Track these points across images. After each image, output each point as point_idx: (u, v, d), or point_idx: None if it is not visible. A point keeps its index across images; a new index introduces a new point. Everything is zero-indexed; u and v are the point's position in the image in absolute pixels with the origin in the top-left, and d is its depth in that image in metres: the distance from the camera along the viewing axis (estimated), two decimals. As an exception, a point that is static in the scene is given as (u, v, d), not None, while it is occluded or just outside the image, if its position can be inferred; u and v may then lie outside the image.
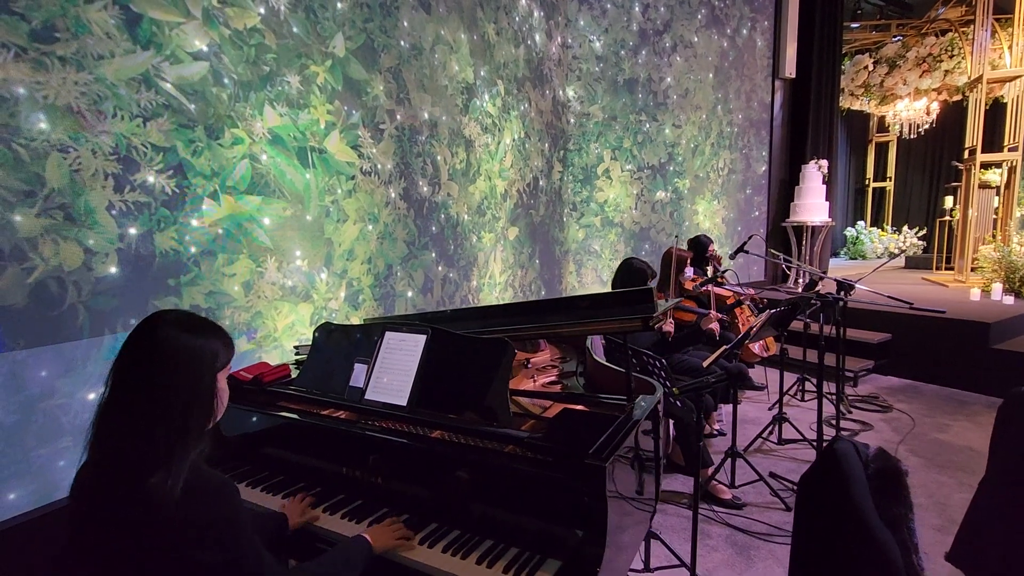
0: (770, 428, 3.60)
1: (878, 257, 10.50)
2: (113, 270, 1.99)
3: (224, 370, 1.06)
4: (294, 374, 2.00)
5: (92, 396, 1.95)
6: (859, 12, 9.11)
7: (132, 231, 2.04)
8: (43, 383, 1.85)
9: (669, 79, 5.85)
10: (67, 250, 1.87)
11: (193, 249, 2.23)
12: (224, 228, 2.32)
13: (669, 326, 3.11)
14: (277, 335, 2.55)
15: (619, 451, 1.33)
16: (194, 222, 2.23)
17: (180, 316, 1.02)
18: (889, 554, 1.16)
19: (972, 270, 6.46)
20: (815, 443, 3.22)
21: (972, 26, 6.95)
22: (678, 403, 2.30)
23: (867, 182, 11.75)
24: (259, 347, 2.49)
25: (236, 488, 1.06)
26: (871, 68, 9.09)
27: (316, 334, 1.90)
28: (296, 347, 2.32)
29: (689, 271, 3.92)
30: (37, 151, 1.79)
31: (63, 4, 1.83)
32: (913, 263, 9.12)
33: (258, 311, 2.47)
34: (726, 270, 3.34)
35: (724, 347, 2.94)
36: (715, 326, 3.25)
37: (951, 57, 8.18)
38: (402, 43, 3.17)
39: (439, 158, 3.46)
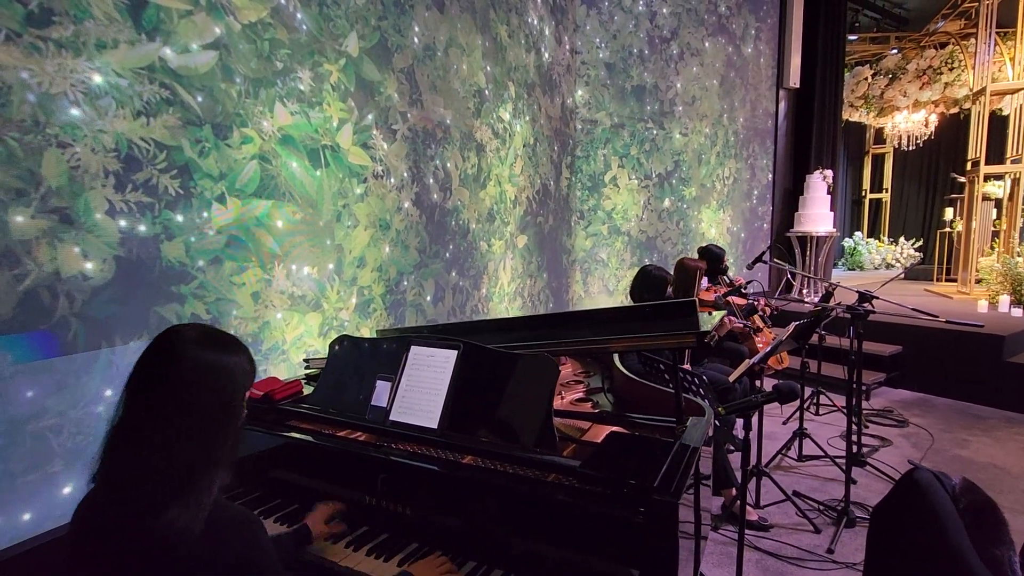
0: (790, 444, 3.49)
1: (875, 268, 10.52)
2: (111, 277, 1.84)
3: (249, 389, 0.96)
4: (306, 390, 1.85)
5: (86, 416, 1.79)
6: (856, 24, 9.17)
7: (133, 235, 1.89)
8: (32, 402, 1.68)
9: (676, 87, 5.79)
10: (63, 255, 1.71)
11: (197, 255, 2.07)
12: (231, 233, 2.17)
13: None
14: (285, 347, 2.40)
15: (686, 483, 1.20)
16: (200, 226, 2.08)
17: (203, 331, 0.92)
18: (998, 603, 1.04)
19: (977, 282, 6.43)
20: (839, 460, 3.11)
21: (972, 39, 6.99)
22: (717, 422, 2.17)
23: (864, 193, 11.80)
24: (265, 359, 2.34)
25: (262, 524, 0.94)
26: (870, 80, 9.13)
27: (332, 347, 1.76)
28: (306, 360, 2.17)
29: (703, 282, 3.83)
30: (32, 146, 1.64)
31: (62, -13, 1.68)
32: (912, 274, 9.12)
33: (266, 321, 2.32)
34: (751, 281, 3.23)
35: (748, 361, 2.83)
36: (728, 322, 3.18)
37: (951, 70, 8.23)
38: (415, 43, 3.05)
39: (451, 162, 3.33)
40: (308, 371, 2.10)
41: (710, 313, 1.74)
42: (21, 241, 1.64)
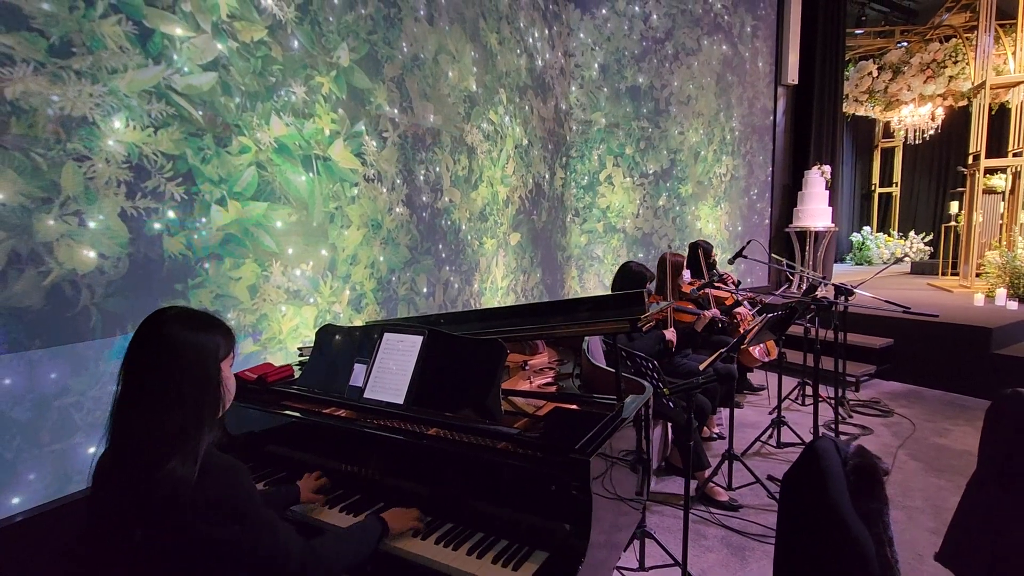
0: (769, 432, 3.63)
1: (884, 263, 10.46)
2: (124, 273, 2.08)
3: (227, 359, 1.12)
4: (297, 374, 2.06)
5: (104, 394, 2.03)
6: (863, 19, 9.14)
7: (143, 236, 2.13)
8: (57, 381, 1.93)
9: (671, 86, 5.91)
10: (81, 254, 1.96)
11: (200, 253, 2.31)
12: (231, 233, 2.40)
13: (671, 335, 3.15)
14: (282, 337, 2.63)
15: (604, 447, 1.38)
16: (202, 228, 2.31)
17: (181, 312, 1.08)
18: (862, 547, 1.20)
19: (977, 275, 6.44)
20: (813, 446, 3.23)
21: (976, 32, 6.96)
22: (670, 404, 2.34)
23: (873, 187, 11.72)
24: (264, 348, 2.57)
25: (246, 468, 1.12)
26: (875, 74, 9.10)
27: (318, 335, 1.97)
28: (300, 348, 2.39)
29: (686, 275, 3.98)
30: (54, 160, 1.88)
31: (79, 20, 1.92)
32: (919, 268, 9.09)
33: (263, 313, 2.55)
34: (724, 274, 3.37)
35: (721, 350, 2.98)
36: (710, 314, 3.33)
37: (955, 63, 8.18)
38: (405, 53, 3.25)
39: (442, 165, 3.53)
40: (301, 358, 2.31)
41: (656, 303, 1.91)
42: (44, 243, 1.88)
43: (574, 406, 1.80)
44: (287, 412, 1.82)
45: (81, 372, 1.97)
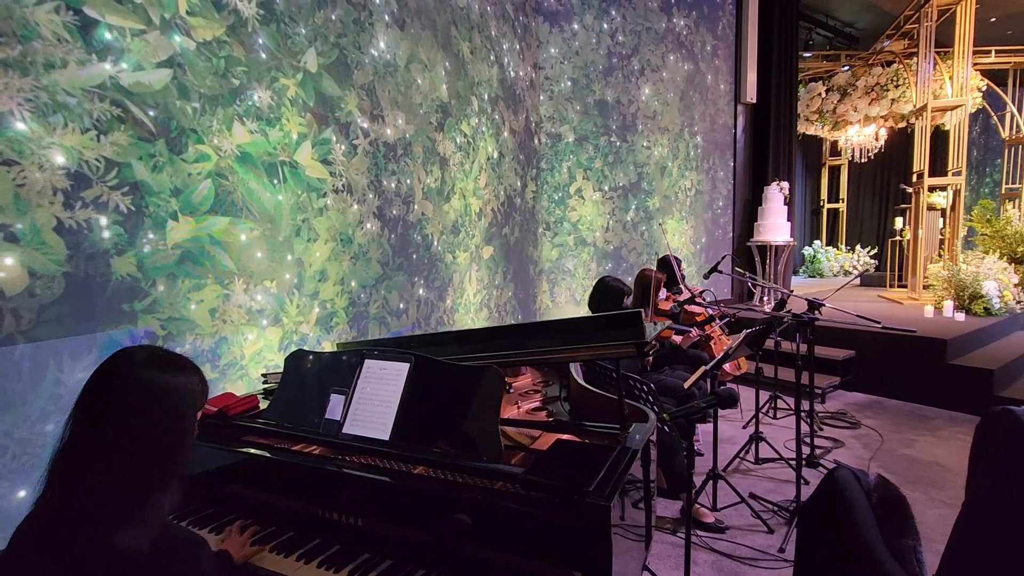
0: (747, 447, 3.61)
1: (834, 275, 10.92)
2: (60, 295, 1.82)
3: (201, 409, 0.98)
4: (263, 405, 1.86)
5: (33, 435, 1.76)
6: (810, 43, 9.61)
7: (82, 253, 1.88)
8: (-25, 422, 1.65)
9: (638, 101, 5.96)
10: (9, 273, 1.69)
11: (150, 272, 2.06)
12: (186, 249, 2.17)
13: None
14: (244, 362, 2.39)
15: (621, 487, 1.26)
16: (152, 243, 2.07)
17: (152, 353, 0.93)
18: (901, 588, 1.13)
19: (924, 288, 6.75)
20: (793, 462, 3.22)
21: (915, 58, 7.39)
22: (665, 428, 2.25)
23: (822, 203, 12.27)
24: (223, 376, 2.32)
25: (207, 545, 0.95)
26: (824, 95, 9.54)
27: (287, 362, 1.78)
28: (264, 375, 2.17)
29: (662, 292, 3.95)
30: (-25, 165, 1.63)
31: (8, 6, 1.68)
32: (867, 281, 9.50)
33: (223, 337, 2.31)
34: (704, 290, 3.35)
35: (703, 368, 2.94)
36: (696, 333, 3.31)
37: (896, 87, 8.67)
38: (376, 60, 3.10)
39: (413, 176, 3.38)
40: (266, 386, 2.10)
41: (654, 324, 1.82)
42: (-36, 260, 1.62)
43: (572, 436, 1.68)
44: (252, 450, 1.62)
45: (5, 410, 1.70)
